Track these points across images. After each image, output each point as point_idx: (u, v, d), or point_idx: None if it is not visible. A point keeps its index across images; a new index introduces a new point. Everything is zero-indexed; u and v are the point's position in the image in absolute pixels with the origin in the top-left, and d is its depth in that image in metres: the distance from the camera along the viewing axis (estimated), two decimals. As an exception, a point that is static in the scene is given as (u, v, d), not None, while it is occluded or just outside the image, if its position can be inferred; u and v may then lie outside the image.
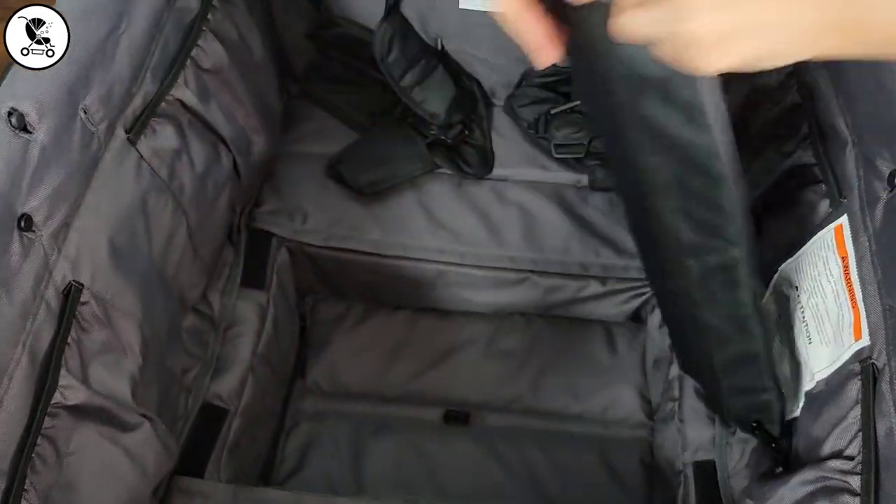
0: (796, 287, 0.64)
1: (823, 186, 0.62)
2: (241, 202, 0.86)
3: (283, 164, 0.94)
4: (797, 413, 0.65)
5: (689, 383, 0.80)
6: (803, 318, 0.62)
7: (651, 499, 0.87)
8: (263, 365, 0.84)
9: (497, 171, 0.94)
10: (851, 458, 0.51)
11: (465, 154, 0.94)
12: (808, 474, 0.54)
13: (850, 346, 0.55)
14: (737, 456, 0.73)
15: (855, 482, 0.50)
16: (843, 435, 0.53)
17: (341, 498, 0.73)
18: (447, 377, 0.95)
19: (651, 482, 0.88)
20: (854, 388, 0.53)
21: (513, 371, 0.95)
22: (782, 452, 0.63)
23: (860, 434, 0.51)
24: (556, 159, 0.94)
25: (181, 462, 0.74)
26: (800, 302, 0.63)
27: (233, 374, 0.80)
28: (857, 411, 0.52)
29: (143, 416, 0.62)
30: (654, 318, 0.89)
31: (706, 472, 0.74)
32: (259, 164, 0.85)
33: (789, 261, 0.65)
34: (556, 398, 0.94)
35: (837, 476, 0.51)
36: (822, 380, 0.59)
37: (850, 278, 0.56)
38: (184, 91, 0.69)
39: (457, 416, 0.92)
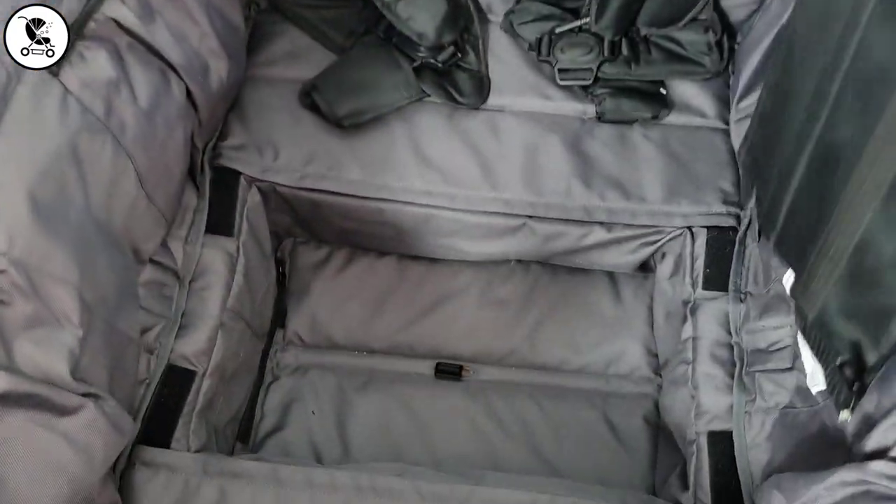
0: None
1: None
2: (202, 137, 0.76)
3: (250, 91, 0.83)
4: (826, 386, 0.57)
5: (704, 345, 0.72)
6: None
7: (654, 459, 0.81)
8: (235, 320, 0.76)
9: (493, 100, 0.83)
10: (901, 462, 0.44)
11: (458, 80, 0.84)
12: (847, 474, 0.47)
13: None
14: (757, 427, 0.66)
15: (906, 491, 0.43)
16: (894, 430, 0.45)
17: (320, 469, 0.67)
18: (438, 328, 0.88)
19: (655, 442, 0.82)
20: (914, 378, 0.45)
21: (509, 322, 0.88)
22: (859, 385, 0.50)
23: (917, 435, 0.44)
24: (560, 87, 0.83)
25: (145, 430, 0.68)
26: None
27: (200, 332, 0.72)
28: (916, 407, 0.44)
29: (87, 394, 0.55)
30: (665, 267, 0.81)
31: (722, 443, 0.68)
32: (221, 93, 0.75)
33: None
34: (556, 351, 0.87)
35: (883, 483, 0.44)
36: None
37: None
38: (118, 8, 0.58)
39: (448, 370, 0.86)
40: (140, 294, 0.69)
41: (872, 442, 0.47)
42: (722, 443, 0.68)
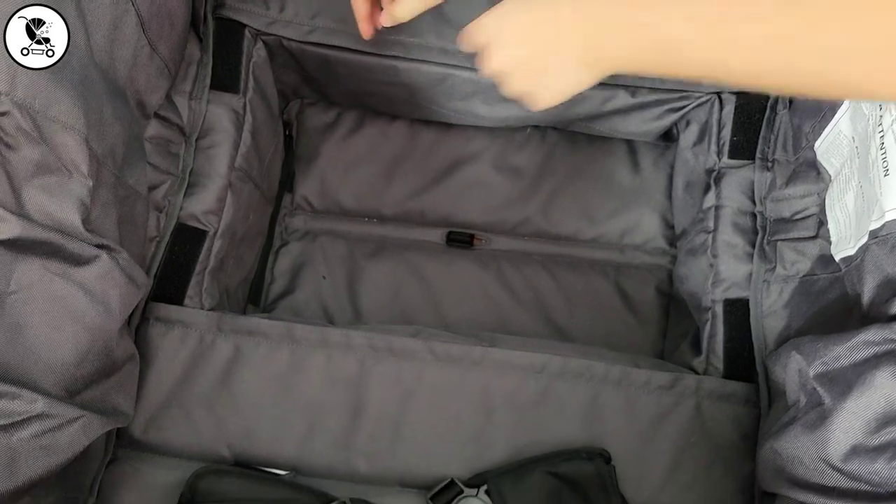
0: (880, 105, 0.52)
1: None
2: (204, -16, 0.70)
3: (253, -66, 0.77)
4: (852, 252, 0.56)
5: (727, 214, 0.71)
6: (882, 144, 0.51)
7: (664, 329, 0.82)
8: (243, 180, 0.74)
9: (516, -49, 0.77)
10: (930, 322, 0.43)
11: (478, -73, 0.77)
12: (873, 334, 0.46)
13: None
14: (775, 295, 0.66)
15: (932, 351, 0.43)
16: (924, 292, 0.45)
17: (335, 329, 0.67)
18: (450, 196, 0.86)
19: (666, 312, 0.82)
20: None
21: (523, 190, 0.86)
22: None
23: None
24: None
25: (158, 287, 0.67)
26: (881, 124, 0.52)
27: (209, 191, 0.70)
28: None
29: (101, 245, 0.54)
30: (688, 135, 0.78)
31: (738, 311, 0.68)
32: (223, -68, 0.69)
33: None
34: (570, 221, 0.85)
35: (910, 342, 0.44)
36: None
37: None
38: None
39: (460, 239, 0.85)
40: (146, 149, 0.67)
41: (896, 306, 0.46)
42: (738, 310, 0.68)
